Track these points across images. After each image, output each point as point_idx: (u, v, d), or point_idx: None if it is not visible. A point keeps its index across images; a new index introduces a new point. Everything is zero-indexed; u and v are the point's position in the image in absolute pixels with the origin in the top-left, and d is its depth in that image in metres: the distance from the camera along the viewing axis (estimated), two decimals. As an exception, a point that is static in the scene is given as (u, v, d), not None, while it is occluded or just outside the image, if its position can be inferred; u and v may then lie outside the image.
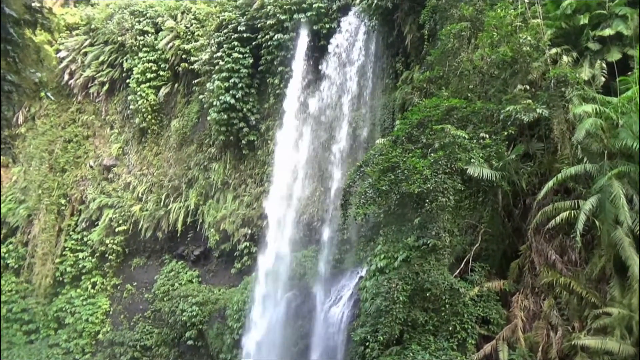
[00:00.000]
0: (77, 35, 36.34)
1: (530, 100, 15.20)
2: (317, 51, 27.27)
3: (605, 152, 13.76)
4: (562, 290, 14.02)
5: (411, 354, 14.53)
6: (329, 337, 20.62)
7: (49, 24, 13.52)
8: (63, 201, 35.33)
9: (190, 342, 27.70)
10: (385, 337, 15.27)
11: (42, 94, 13.77)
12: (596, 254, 13.66)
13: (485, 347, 14.60)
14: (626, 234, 12.66)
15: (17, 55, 10.16)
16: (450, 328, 14.91)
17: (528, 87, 15.90)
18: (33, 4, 12.81)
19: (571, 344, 13.26)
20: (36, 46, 13.32)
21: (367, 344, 16.36)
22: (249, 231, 28.45)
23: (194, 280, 30.26)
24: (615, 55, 16.03)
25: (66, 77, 35.93)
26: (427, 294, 15.16)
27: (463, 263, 16.33)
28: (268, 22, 28.06)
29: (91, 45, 35.63)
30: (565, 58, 16.46)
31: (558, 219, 13.91)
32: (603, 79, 15.90)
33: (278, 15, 27.60)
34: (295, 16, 27.18)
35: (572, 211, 13.73)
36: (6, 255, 35.58)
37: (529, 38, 15.86)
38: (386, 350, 15.62)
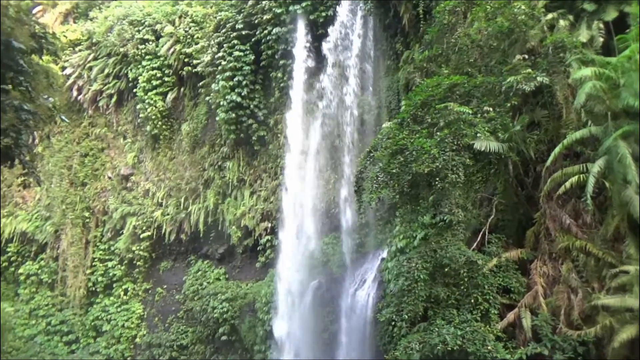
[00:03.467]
0: (80, 50, 37.00)
1: (530, 70, 15.28)
2: (317, 40, 27.43)
3: (609, 113, 13.83)
4: (579, 253, 14.23)
5: (437, 329, 14.89)
6: (357, 320, 21.12)
7: (54, 48, 13.95)
8: (87, 214, 36.34)
9: (224, 338, 28.57)
10: (410, 315, 15.66)
11: (57, 117, 14.31)
12: (609, 215, 13.81)
13: (509, 316, 14.93)
14: (636, 192, 12.80)
15: (29, 84, 10.66)
16: (472, 300, 15.23)
17: (527, 56, 15.98)
18: (36, 30, 13.24)
19: (592, 304, 13.50)
20: (44, 71, 13.79)
21: (394, 323, 16.84)
22: (269, 224, 29.05)
23: (221, 278, 31.02)
24: (612, 14, 15.97)
25: (74, 93, 36.69)
26: (446, 270, 15.49)
27: (479, 236, 16.59)
28: (265, 17, 28.27)
29: (95, 59, 36.29)
30: (561, 22, 16.43)
31: (568, 183, 14.10)
32: (601, 40, 15.89)
33: (274, 9, 27.80)
34: (290, 8, 27.37)
35: (581, 175, 13.90)
36: (39, 271, 36.86)
37: (523, 7, 15.89)
38: (413, 327, 16.05)
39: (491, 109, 15.87)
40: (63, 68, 36.34)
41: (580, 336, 13.53)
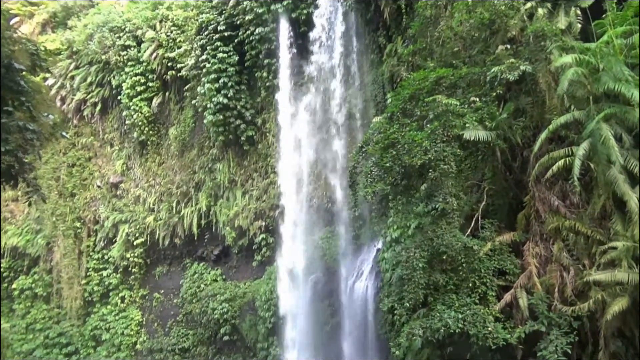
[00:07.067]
0: (60, 60, 36.65)
1: (513, 59, 15.78)
2: (300, 38, 27.70)
3: (590, 97, 14.42)
4: (569, 232, 14.83)
5: (437, 314, 15.37)
6: (357, 311, 21.61)
7: (46, 65, 14.06)
8: (78, 224, 36.22)
9: (226, 338, 28.89)
10: (411, 303, 16.11)
11: (58, 134, 14.43)
12: (595, 194, 14.44)
13: (505, 297, 15.47)
14: (619, 171, 13.43)
15: (30, 104, 10.82)
16: (470, 284, 15.74)
17: (509, 46, 16.49)
18: (28, 48, 13.34)
19: (584, 280, 14.13)
20: (39, 88, 13.92)
21: (395, 311, 17.33)
22: (263, 223, 29.36)
23: (218, 279, 31.26)
24: (587, 1, 16.59)
25: (58, 103, 36.36)
26: (444, 257, 15.96)
27: (473, 222, 17.08)
28: (247, 17, 28.42)
29: (76, 68, 36.06)
30: (540, 10, 16.98)
31: (555, 167, 14.67)
32: (579, 26, 16.52)
33: (255, 9, 27.94)
34: (272, 7, 27.56)
35: (567, 158, 14.48)
36: (33, 285, 36.69)
37: (502, -2, 16.39)
38: (414, 314, 16.54)
39: (477, 99, 16.35)
40: (44, 79, 35.94)
41: (574, 311, 14.14)
